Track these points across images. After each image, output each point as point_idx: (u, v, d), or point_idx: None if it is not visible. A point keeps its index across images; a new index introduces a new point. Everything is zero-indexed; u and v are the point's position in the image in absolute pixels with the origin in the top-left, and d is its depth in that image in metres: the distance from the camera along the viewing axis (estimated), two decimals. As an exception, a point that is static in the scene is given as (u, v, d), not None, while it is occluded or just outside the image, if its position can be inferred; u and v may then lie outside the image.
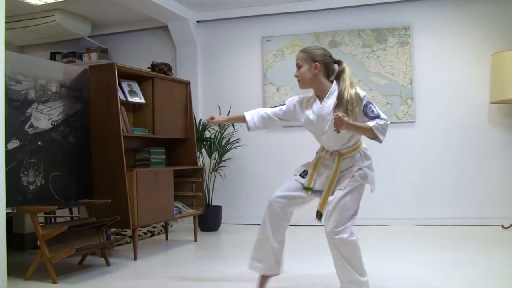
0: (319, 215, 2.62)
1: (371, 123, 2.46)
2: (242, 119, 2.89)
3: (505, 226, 4.78)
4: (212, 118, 3.00)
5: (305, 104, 2.71)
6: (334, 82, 2.60)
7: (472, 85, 5.15)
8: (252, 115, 2.87)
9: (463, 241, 4.30)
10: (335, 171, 2.58)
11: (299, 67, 2.61)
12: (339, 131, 2.49)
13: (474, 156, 5.11)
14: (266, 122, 2.85)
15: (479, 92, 5.12)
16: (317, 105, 2.62)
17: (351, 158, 2.60)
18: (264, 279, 2.87)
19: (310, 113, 2.64)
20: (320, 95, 2.63)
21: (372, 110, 2.50)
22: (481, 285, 2.95)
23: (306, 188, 2.68)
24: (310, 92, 2.73)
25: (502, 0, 5.07)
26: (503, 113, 5.08)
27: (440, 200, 5.15)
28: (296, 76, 2.63)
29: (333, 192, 2.59)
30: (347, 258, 2.52)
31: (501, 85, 4.76)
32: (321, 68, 2.58)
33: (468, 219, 5.04)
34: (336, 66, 2.63)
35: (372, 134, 2.48)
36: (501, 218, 4.87)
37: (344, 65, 2.61)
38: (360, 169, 2.58)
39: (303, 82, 2.62)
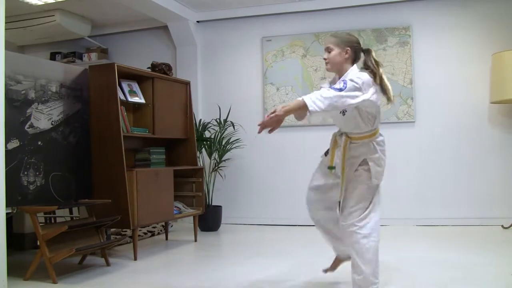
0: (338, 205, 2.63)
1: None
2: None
3: (505, 226, 4.78)
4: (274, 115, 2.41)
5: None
6: (354, 66, 2.62)
7: (472, 85, 5.14)
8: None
9: (463, 241, 4.30)
10: (342, 155, 2.57)
11: (329, 50, 2.61)
12: (344, 114, 2.55)
13: (474, 156, 5.11)
14: None
15: (479, 92, 5.11)
16: None
17: (361, 145, 2.57)
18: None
19: None
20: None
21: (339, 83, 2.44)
22: (481, 285, 2.95)
23: (330, 168, 2.67)
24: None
25: (502, 0, 5.07)
26: (503, 113, 5.08)
27: (440, 200, 5.15)
28: (325, 59, 2.63)
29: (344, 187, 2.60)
30: (361, 253, 2.52)
31: (501, 85, 4.75)
32: (351, 54, 2.62)
33: (468, 219, 5.04)
34: (362, 54, 2.67)
35: (305, 108, 2.36)
36: (501, 218, 4.87)
37: (370, 56, 2.63)
38: (365, 161, 2.55)
39: (331, 65, 2.62)
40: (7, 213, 3.01)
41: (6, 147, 3.10)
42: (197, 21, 5.96)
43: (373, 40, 5.37)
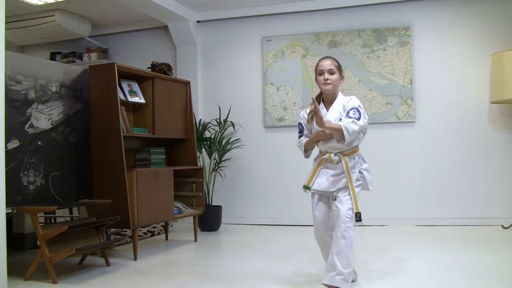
0: (359, 215, 2.73)
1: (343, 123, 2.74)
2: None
3: (505, 226, 4.78)
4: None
5: (310, 114, 2.93)
6: (339, 93, 2.91)
7: (472, 85, 5.15)
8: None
9: (463, 241, 4.30)
10: (347, 170, 2.79)
11: (332, 73, 2.83)
12: None
13: (474, 156, 5.11)
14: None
15: (479, 92, 5.12)
16: (324, 111, 2.84)
17: (353, 159, 2.85)
18: None
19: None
20: (329, 102, 2.89)
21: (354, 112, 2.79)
22: (481, 285, 2.95)
23: (305, 187, 2.90)
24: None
25: (502, 0, 5.07)
26: (503, 113, 5.08)
27: (440, 200, 5.15)
28: (327, 79, 2.82)
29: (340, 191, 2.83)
30: (348, 247, 2.74)
31: (501, 85, 4.76)
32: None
33: (468, 219, 5.04)
34: None
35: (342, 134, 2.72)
36: (501, 218, 4.87)
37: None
38: (360, 172, 2.85)
39: (333, 87, 2.84)
40: (7, 213, 3.01)
41: (6, 147, 3.10)
42: (197, 21, 5.96)
43: (373, 40, 5.37)
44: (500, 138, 5.06)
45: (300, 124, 3.00)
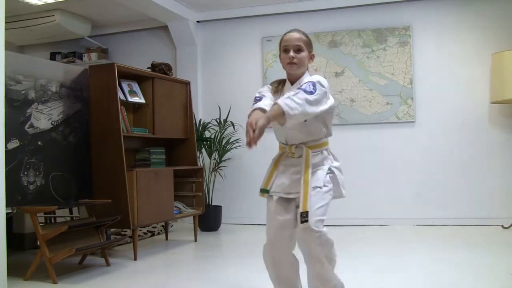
0: (305, 215, 2.12)
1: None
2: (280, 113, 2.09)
3: (505, 226, 4.78)
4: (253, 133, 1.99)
5: (274, 92, 2.42)
6: (306, 72, 2.37)
7: (472, 85, 5.15)
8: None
9: (463, 241, 4.29)
10: (306, 165, 2.21)
11: (299, 50, 2.30)
12: (306, 120, 2.19)
13: (474, 156, 5.11)
14: None
15: (479, 92, 5.12)
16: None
17: (320, 153, 2.30)
18: None
19: None
20: (294, 81, 2.38)
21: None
22: (481, 285, 2.95)
23: (262, 190, 2.37)
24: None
25: (502, 0, 5.07)
26: (503, 113, 5.08)
27: (440, 200, 5.15)
28: (292, 58, 2.28)
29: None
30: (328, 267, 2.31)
31: (501, 85, 4.75)
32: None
33: (468, 219, 5.04)
34: None
35: (282, 114, 2.06)
36: (501, 218, 4.87)
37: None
38: (330, 170, 2.29)
39: (299, 67, 2.30)
40: (7, 213, 3.01)
41: (6, 147, 3.10)
42: (197, 21, 5.95)
43: (373, 40, 5.37)
44: (500, 138, 5.06)
45: (258, 96, 2.33)
